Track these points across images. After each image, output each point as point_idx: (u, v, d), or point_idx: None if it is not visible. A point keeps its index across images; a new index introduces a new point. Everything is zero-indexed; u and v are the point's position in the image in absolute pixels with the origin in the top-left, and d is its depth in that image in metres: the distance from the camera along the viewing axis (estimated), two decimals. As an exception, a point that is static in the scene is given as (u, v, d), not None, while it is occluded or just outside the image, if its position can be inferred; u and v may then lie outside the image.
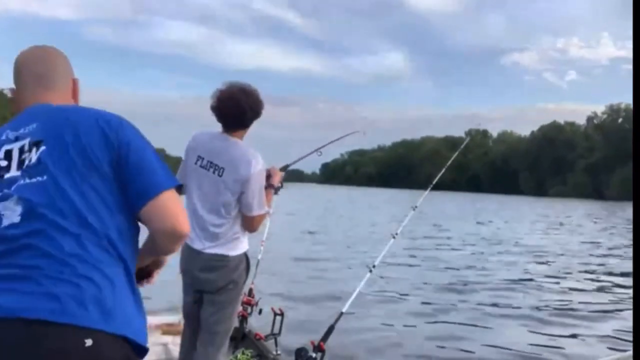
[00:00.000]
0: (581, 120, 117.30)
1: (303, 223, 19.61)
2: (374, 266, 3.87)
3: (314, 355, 3.49)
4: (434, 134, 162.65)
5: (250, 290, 4.37)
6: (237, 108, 3.13)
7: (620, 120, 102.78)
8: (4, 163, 1.59)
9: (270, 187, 3.30)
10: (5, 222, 1.49)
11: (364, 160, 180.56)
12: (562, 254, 14.70)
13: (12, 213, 1.50)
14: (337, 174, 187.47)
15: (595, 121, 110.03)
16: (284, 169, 3.58)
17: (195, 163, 3.17)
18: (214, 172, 3.12)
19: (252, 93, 3.18)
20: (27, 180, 1.54)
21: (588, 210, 44.56)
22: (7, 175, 1.57)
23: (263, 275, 4.76)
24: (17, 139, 1.62)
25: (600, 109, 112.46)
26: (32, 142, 1.59)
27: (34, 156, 1.57)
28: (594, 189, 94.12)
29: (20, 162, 1.58)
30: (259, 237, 4.86)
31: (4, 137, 1.63)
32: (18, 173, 1.56)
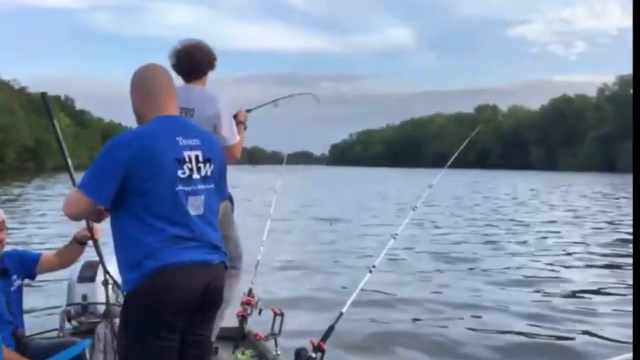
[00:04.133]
0: (591, 92, 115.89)
1: (302, 212, 19.50)
2: (373, 266, 3.83)
3: (313, 355, 3.46)
4: (443, 109, 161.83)
5: (250, 291, 4.34)
6: (192, 60, 3.65)
7: (631, 91, 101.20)
8: (190, 166, 2.38)
9: (239, 123, 3.81)
10: (194, 212, 2.38)
11: (372, 140, 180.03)
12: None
13: (198, 207, 2.39)
14: (345, 154, 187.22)
15: (606, 93, 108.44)
16: (248, 111, 4.08)
17: None
18: (185, 115, 3.47)
19: (203, 47, 3.70)
20: (206, 186, 2.43)
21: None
22: (194, 177, 2.39)
23: (263, 275, 4.72)
24: (191, 149, 2.40)
25: (610, 80, 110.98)
26: (205, 157, 2.44)
27: (209, 170, 2.44)
28: (605, 161, 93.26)
29: (198, 169, 2.41)
30: (259, 237, 4.85)
31: (181, 142, 2.39)
32: (198, 177, 2.40)
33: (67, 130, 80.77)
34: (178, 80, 3.69)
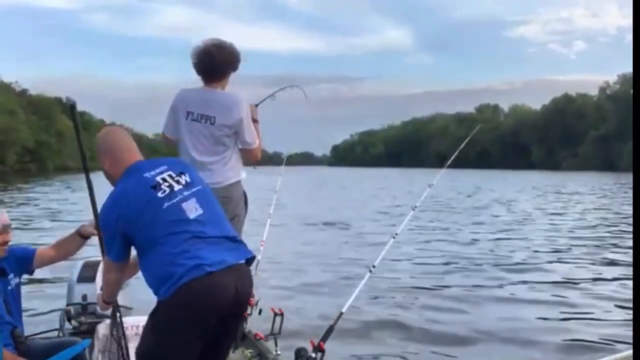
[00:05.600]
0: (592, 91, 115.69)
1: (303, 212, 19.45)
2: (373, 266, 3.82)
3: (313, 355, 3.44)
4: (443, 109, 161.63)
5: (250, 291, 4.33)
6: (211, 60, 3.61)
7: (632, 90, 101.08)
8: (167, 183, 2.60)
9: (254, 121, 3.83)
10: (194, 215, 2.54)
11: (373, 140, 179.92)
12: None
13: (195, 208, 2.56)
14: (346, 155, 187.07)
15: (607, 92, 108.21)
16: (256, 105, 4.11)
17: (187, 118, 3.62)
18: (205, 122, 3.59)
19: (224, 47, 3.65)
20: (193, 189, 2.62)
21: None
22: (176, 188, 2.60)
23: (263, 274, 4.71)
24: (161, 173, 2.63)
25: (611, 78, 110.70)
26: (176, 172, 2.66)
27: (187, 178, 2.66)
28: (606, 161, 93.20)
29: (177, 182, 2.62)
30: (259, 237, 4.86)
31: (149, 175, 2.62)
32: (180, 187, 2.61)
33: (67, 132, 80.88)
34: (199, 81, 3.75)
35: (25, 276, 3.47)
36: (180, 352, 2.46)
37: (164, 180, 2.62)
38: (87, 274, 4.10)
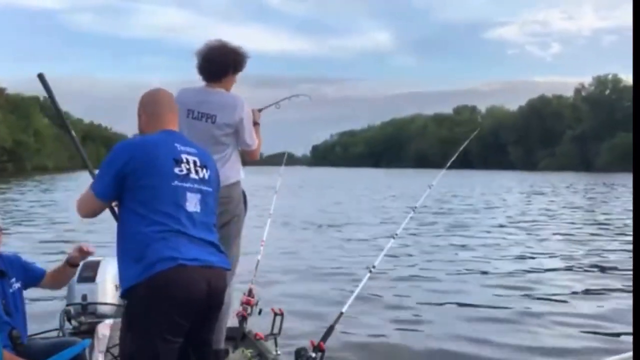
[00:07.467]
0: (567, 93, 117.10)
1: (301, 213, 19.40)
2: (373, 266, 3.83)
3: (313, 355, 3.46)
4: (422, 110, 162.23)
5: (250, 291, 4.36)
6: (208, 61, 3.64)
7: (607, 92, 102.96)
8: (188, 167, 2.58)
9: (255, 124, 3.86)
10: (191, 209, 2.53)
11: (353, 140, 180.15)
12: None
13: (195, 204, 2.54)
14: (327, 155, 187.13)
15: (582, 93, 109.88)
16: (260, 110, 4.12)
17: (187, 117, 3.59)
18: (206, 121, 3.60)
19: (222, 48, 3.66)
20: (204, 187, 2.61)
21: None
22: (192, 176, 2.58)
23: (263, 274, 4.71)
24: (189, 153, 2.62)
25: (586, 80, 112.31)
26: (201, 163, 2.65)
27: (206, 174, 2.64)
28: (582, 160, 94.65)
29: (196, 171, 2.60)
30: (259, 237, 4.86)
31: (179, 147, 2.61)
32: (197, 177, 2.58)
33: (46, 132, 79.59)
34: (196, 80, 3.77)
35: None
36: (159, 345, 2.41)
37: (187, 162, 2.60)
38: (87, 274, 4.11)
